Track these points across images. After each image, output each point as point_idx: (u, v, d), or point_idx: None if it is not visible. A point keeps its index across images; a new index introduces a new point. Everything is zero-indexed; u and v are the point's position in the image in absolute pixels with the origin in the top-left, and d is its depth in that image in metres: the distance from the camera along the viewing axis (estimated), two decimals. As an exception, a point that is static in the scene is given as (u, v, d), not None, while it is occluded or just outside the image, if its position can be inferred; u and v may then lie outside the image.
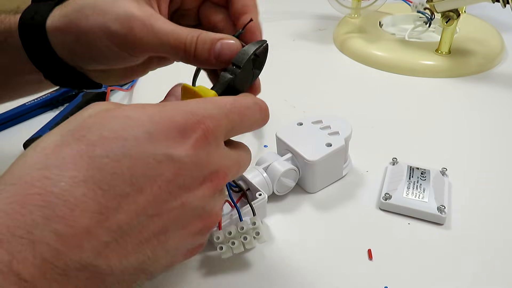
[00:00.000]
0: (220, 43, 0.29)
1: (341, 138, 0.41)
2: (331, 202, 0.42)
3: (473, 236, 0.38)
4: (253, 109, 0.26)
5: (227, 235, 0.33)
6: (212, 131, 0.23)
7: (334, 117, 0.44)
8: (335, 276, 0.35)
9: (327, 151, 0.40)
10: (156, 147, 0.21)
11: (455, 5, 0.61)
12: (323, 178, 0.42)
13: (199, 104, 0.24)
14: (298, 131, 0.43)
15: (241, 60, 0.28)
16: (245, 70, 0.28)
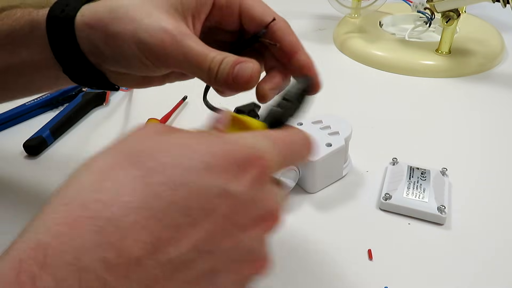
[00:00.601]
0: (239, 66, 0.28)
1: (341, 138, 0.41)
2: (331, 202, 0.42)
3: (473, 236, 0.38)
4: (302, 145, 0.26)
5: None
6: (269, 168, 0.22)
7: (334, 117, 0.44)
8: (335, 276, 0.35)
9: (327, 151, 0.40)
10: (214, 179, 0.20)
11: (455, 5, 0.61)
12: (323, 178, 0.42)
13: (256, 139, 0.23)
14: None
15: (291, 95, 0.28)
16: (294, 105, 0.28)
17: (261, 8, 0.33)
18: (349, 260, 0.36)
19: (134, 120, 0.55)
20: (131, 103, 0.59)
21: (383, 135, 0.52)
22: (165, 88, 0.34)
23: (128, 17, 0.29)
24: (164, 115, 0.53)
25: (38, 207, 0.21)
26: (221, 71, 0.28)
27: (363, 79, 0.65)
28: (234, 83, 0.28)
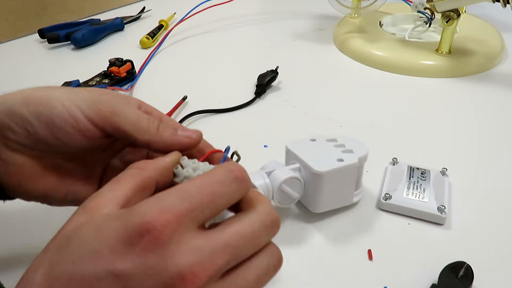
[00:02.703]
0: (182, 129, 0.31)
1: (355, 156, 0.38)
2: (331, 202, 0.42)
3: (473, 236, 0.38)
4: (226, 182, 0.23)
5: (192, 164, 0.31)
6: (164, 228, 0.21)
7: (350, 138, 0.41)
8: (335, 276, 0.35)
9: (338, 165, 0.37)
10: (102, 263, 0.20)
11: (455, 5, 0.61)
12: (330, 196, 0.38)
13: (148, 204, 0.22)
14: (309, 145, 0.40)
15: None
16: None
17: (178, 124, 0.35)
18: (349, 260, 0.36)
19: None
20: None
21: (383, 135, 0.52)
22: (165, 88, 0.34)
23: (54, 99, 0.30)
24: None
25: (37, 212, 0.21)
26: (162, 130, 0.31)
27: (363, 79, 0.65)
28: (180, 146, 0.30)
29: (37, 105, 0.29)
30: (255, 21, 0.85)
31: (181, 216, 0.21)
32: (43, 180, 0.32)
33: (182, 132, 0.31)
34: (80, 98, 0.29)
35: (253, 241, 0.23)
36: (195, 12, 0.78)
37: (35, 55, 0.74)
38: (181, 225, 0.21)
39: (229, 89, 0.62)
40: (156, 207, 0.21)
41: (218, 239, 0.22)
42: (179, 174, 0.29)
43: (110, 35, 0.80)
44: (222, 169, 0.24)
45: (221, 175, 0.24)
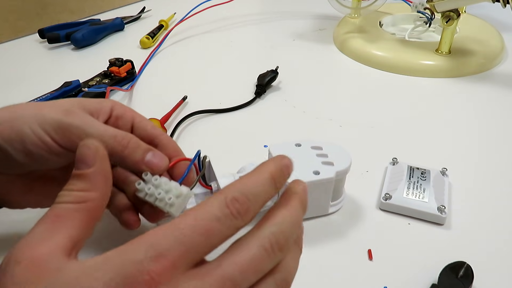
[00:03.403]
0: (151, 153, 0.31)
1: (333, 170, 0.37)
2: (331, 202, 0.42)
3: (473, 236, 0.38)
4: (221, 218, 0.22)
5: (153, 181, 0.31)
6: (161, 277, 0.20)
7: (337, 147, 0.40)
8: (335, 276, 0.35)
9: (311, 178, 0.36)
10: None
11: (455, 5, 0.61)
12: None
13: (145, 245, 0.20)
14: (292, 151, 0.39)
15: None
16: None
17: (151, 123, 0.36)
18: (349, 260, 0.36)
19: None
20: (131, 103, 0.59)
21: (383, 135, 0.52)
22: (165, 88, 0.34)
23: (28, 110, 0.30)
24: (164, 115, 0.53)
25: (37, 212, 0.21)
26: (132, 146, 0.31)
27: (363, 79, 0.65)
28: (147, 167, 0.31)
29: (9, 133, 0.30)
30: (255, 21, 0.85)
31: (177, 261, 0.20)
32: (32, 192, 0.33)
33: (149, 159, 0.31)
34: (48, 122, 0.30)
35: (254, 269, 0.22)
36: (195, 12, 0.78)
37: (35, 55, 0.74)
38: (177, 269, 0.20)
39: (229, 89, 0.62)
40: (150, 253, 0.20)
41: (214, 275, 0.21)
42: (142, 189, 0.31)
43: (110, 35, 0.80)
44: (217, 202, 0.22)
45: (215, 210, 0.22)
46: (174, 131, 0.52)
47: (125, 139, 0.31)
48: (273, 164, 0.24)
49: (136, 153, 0.31)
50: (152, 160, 0.31)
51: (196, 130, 0.53)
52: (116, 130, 0.31)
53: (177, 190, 0.30)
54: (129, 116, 0.35)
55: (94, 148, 0.25)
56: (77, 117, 0.30)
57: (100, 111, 0.33)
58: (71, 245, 0.22)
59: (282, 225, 0.23)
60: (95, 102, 0.34)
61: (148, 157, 0.31)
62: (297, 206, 0.25)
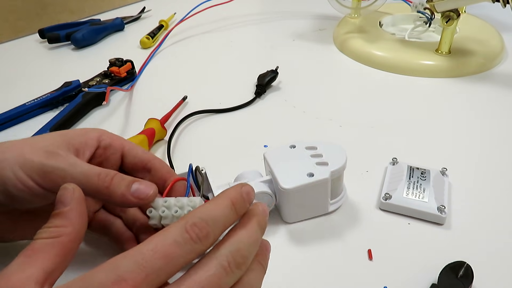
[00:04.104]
0: (137, 183, 0.30)
1: (327, 170, 0.37)
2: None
3: (473, 236, 0.38)
4: (181, 243, 0.23)
5: (163, 203, 0.31)
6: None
7: (332, 146, 0.40)
8: (335, 276, 0.35)
9: (305, 181, 0.36)
10: None
11: (455, 5, 0.61)
12: (301, 209, 0.39)
13: (107, 270, 0.22)
14: (286, 154, 0.39)
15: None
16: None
17: (142, 149, 0.36)
18: (349, 260, 0.36)
19: (134, 120, 0.55)
20: (131, 103, 0.59)
21: (383, 135, 0.52)
22: (165, 88, 0.34)
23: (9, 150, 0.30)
24: (164, 115, 0.53)
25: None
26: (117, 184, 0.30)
27: (363, 79, 0.65)
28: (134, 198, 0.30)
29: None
30: (255, 21, 0.85)
31: (138, 285, 0.21)
32: (18, 228, 0.33)
33: (135, 189, 0.30)
34: (30, 165, 0.29)
35: (214, 287, 0.23)
36: (195, 12, 0.78)
37: (35, 55, 0.74)
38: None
39: (229, 89, 0.62)
40: (112, 277, 0.21)
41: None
42: (154, 216, 0.30)
43: (110, 35, 0.80)
44: (177, 228, 0.24)
45: (175, 235, 0.23)
46: (174, 131, 0.52)
47: (109, 175, 0.30)
48: (234, 191, 0.27)
49: (120, 187, 0.30)
50: (139, 189, 0.30)
51: (196, 130, 0.53)
52: (99, 168, 0.30)
53: (191, 202, 0.30)
54: (118, 144, 0.35)
55: (71, 189, 0.27)
56: (60, 159, 0.30)
57: (86, 145, 0.33)
58: (44, 277, 0.23)
59: (239, 244, 0.25)
60: (80, 136, 0.33)
61: (134, 187, 0.30)
62: (254, 226, 0.26)
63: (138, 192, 0.30)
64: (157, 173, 0.34)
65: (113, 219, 0.35)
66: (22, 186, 0.29)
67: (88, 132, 0.34)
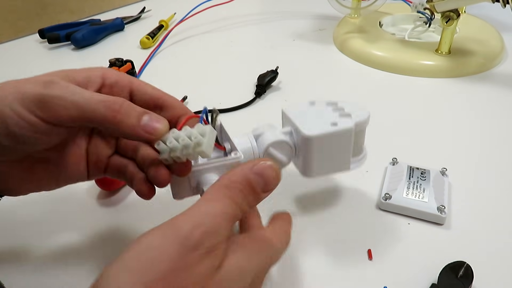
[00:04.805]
0: (148, 115, 0.28)
1: (352, 120, 0.35)
2: (331, 201, 0.42)
3: (473, 236, 0.38)
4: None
5: (172, 134, 0.29)
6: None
7: (352, 103, 0.37)
8: (335, 276, 0.35)
9: (328, 130, 0.34)
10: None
11: (455, 5, 0.61)
12: (322, 162, 0.36)
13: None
14: (306, 109, 0.37)
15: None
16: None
17: (151, 85, 0.34)
18: (349, 260, 0.36)
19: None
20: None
21: (383, 135, 0.52)
22: (165, 88, 0.34)
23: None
24: (164, 115, 0.53)
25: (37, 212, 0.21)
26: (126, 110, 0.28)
27: (363, 79, 0.65)
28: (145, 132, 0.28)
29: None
30: (255, 21, 0.85)
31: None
32: (31, 178, 0.32)
33: (146, 122, 0.28)
34: (28, 98, 0.27)
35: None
36: (195, 12, 0.78)
37: (35, 55, 0.74)
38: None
39: (229, 89, 0.62)
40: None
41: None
42: (163, 149, 0.28)
43: (110, 35, 0.80)
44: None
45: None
46: (174, 131, 0.52)
47: (116, 103, 0.28)
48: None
49: (130, 117, 0.28)
50: (149, 124, 0.28)
51: (196, 130, 0.53)
52: (104, 95, 0.28)
53: (200, 129, 0.28)
54: (125, 81, 0.32)
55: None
56: (58, 87, 0.27)
57: (89, 80, 0.31)
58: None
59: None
60: (82, 72, 0.31)
61: (145, 120, 0.28)
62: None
63: (148, 126, 0.28)
64: (169, 110, 0.33)
65: (127, 162, 0.34)
66: (23, 122, 0.27)
67: (92, 69, 0.32)
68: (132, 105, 0.28)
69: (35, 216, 0.41)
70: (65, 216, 0.41)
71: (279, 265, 0.36)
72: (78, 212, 0.41)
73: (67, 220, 0.41)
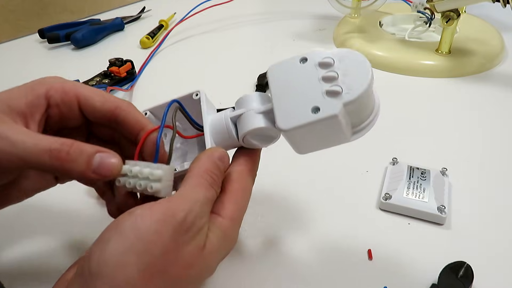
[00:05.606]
0: (100, 155, 0.26)
1: (338, 103, 0.28)
2: (331, 201, 0.42)
3: (473, 236, 0.38)
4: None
5: (129, 171, 0.28)
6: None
7: (353, 60, 0.30)
8: (335, 276, 0.35)
9: (307, 119, 0.28)
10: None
11: (455, 5, 0.61)
12: (310, 143, 0.31)
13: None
14: (294, 73, 0.31)
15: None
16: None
17: (100, 97, 0.30)
18: (349, 260, 0.36)
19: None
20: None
21: (383, 135, 0.52)
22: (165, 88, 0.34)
23: None
24: (164, 115, 0.53)
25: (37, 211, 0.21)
26: (75, 159, 0.25)
27: (363, 79, 0.65)
28: (96, 175, 0.26)
29: None
30: (255, 21, 0.85)
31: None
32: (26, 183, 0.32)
33: (97, 164, 0.26)
34: None
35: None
36: (195, 12, 0.78)
37: (35, 55, 0.74)
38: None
39: (229, 89, 0.62)
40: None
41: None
42: (124, 183, 0.28)
43: (110, 35, 0.80)
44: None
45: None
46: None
47: (62, 151, 0.25)
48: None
49: (78, 164, 0.25)
50: (102, 165, 0.26)
51: (196, 130, 0.53)
52: (50, 141, 0.25)
53: (154, 175, 0.27)
54: (72, 97, 0.30)
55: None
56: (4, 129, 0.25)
57: (33, 106, 0.28)
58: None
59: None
60: (24, 96, 0.28)
61: (96, 162, 0.26)
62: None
63: (101, 168, 0.26)
64: (125, 125, 0.30)
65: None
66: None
67: (34, 88, 0.29)
68: (80, 147, 0.26)
69: (35, 216, 0.41)
70: (65, 216, 0.41)
71: (279, 265, 0.36)
72: (78, 212, 0.41)
73: (67, 220, 0.41)
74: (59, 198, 0.42)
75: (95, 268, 0.23)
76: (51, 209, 0.42)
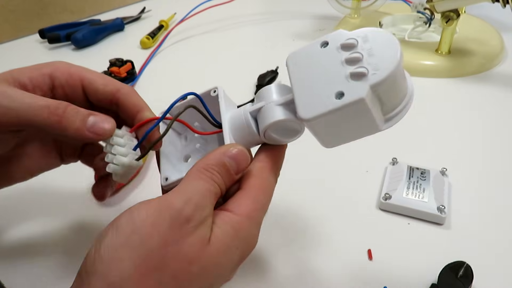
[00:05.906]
0: (94, 117, 0.28)
1: (365, 85, 0.25)
2: (331, 201, 0.42)
3: (473, 236, 0.38)
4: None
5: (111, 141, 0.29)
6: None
7: (378, 38, 0.26)
8: (335, 276, 0.35)
9: (330, 106, 0.26)
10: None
11: (455, 5, 0.61)
12: (337, 134, 0.29)
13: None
14: (314, 59, 0.28)
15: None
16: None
17: (103, 80, 0.32)
18: (349, 260, 0.36)
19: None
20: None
21: (383, 135, 0.51)
22: (166, 88, 0.34)
23: None
24: (164, 115, 0.53)
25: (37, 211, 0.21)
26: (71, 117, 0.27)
27: (363, 79, 0.65)
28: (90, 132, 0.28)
29: None
30: (255, 21, 0.85)
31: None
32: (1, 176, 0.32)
33: (92, 123, 0.28)
34: None
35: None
36: (195, 12, 0.78)
37: (36, 55, 0.74)
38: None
39: (229, 89, 0.62)
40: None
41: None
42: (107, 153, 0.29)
43: (110, 35, 0.80)
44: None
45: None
46: (174, 131, 0.52)
47: (59, 108, 0.27)
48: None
49: (75, 120, 0.27)
50: (96, 125, 0.28)
51: (196, 130, 0.53)
52: (48, 100, 0.27)
53: (119, 159, 0.28)
54: (76, 80, 0.31)
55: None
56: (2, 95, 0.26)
57: (36, 81, 0.30)
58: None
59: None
60: (29, 71, 0.30)
61: (91, 122, 0.28)
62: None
63: (95, 128, 0.28)
64: (125, 107, 0.31)
65: (98, 150, 0.34)
66: None
67: (41, 67, 0.31)
68: (76, 108, 0.28)
69: (35, 215, 0.41)
70: (65, 215, 0.41)
71: (279, 265, 0.36)
72: (78, 212, 0.41)
73: (67, 219, 0.41)
74: (59, 199, 0.42)
75: (90, 266, 0.22)
76: (51, 209, 0.42)
